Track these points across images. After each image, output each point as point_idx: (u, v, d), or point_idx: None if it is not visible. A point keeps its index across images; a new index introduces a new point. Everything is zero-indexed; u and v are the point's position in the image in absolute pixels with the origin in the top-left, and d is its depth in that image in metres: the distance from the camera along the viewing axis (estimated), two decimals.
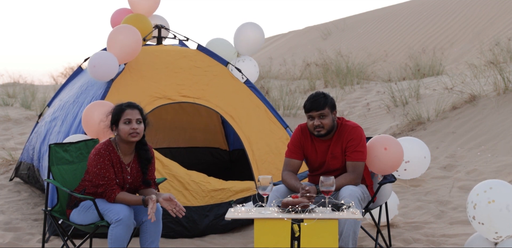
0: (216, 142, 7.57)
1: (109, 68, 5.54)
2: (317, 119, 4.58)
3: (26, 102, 12.80)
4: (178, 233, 5.47)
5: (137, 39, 5.68)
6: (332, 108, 4.62)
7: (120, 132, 4.32)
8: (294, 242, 3.75)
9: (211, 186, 5.60)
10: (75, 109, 5.98)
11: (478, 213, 4.11)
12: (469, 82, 9.85)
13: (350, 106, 11.08)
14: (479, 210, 4.10)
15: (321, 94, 4.63)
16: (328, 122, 4.58)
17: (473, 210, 4.14)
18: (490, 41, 16.53)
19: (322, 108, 4.57)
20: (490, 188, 4.13)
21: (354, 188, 4.42)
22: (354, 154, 4.59)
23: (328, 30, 25.12)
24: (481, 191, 4.14)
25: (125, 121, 4.30)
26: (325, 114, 4.58)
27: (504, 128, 7.85)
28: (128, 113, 4.32)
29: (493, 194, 4.09)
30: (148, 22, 6.35)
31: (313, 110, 4.58)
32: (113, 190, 4.27)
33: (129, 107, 4.35)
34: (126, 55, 5.69)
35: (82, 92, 6.16)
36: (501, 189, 4.12)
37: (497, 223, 4.07)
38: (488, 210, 4.07)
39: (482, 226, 4.12)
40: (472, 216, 4.16)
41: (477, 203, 4.12)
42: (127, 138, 4.31)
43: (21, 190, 7.05)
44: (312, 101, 4.59)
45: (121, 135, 4.32)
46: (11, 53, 52.04)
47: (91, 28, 69.80)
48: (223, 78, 6.18)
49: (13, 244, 5.22)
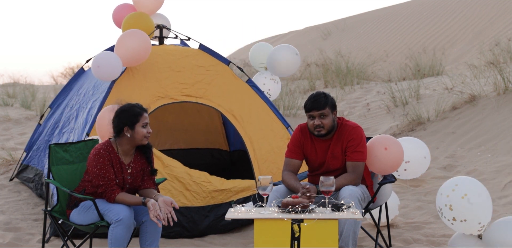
0: (217, 143, 7.58)
1: (113, 68, 5.54)
2: (318, 119, 4.58)
3: (26, 102, 12.80)
4: (178, 233, 5.48)
5: (146, 47, 5.66)
6: (333, 108, 4.62)
7: (136, 134, 4.32)
8: (294, 242, 3.75)
9: (212, 186, 5.60)
10: (84, 115, 6.00)
11: (457, 212, 4.19)
12: (469, 82, 9.85)
13: (350, 106, 11.08)
14: (456, 209, 4.19)
15: (322, 94, 4.63)
16: (328, 122, 4.59)
17: (449, 212, 4.21)
18: (490, 41, 16.53)
19: (323, 108, 4.57)
20: (456, 185, 4.25)
21: (354, 188, 4.42)
22: (354, 154, 4.59)
23: (328, 30, 25.13)
24: (450, 191, 4.24)
25: (144, 124, 4.33)
26: (325, 114, 4.58)
27: (504, 128, 7.85)
28: (145, 117, 4.35)
29: (461, 189, 4.21)
30: (150, 21, 6.33)
31: (313, 109, 4.58)
32: (113, 191, 4.27)
33: (144, 110, 4.38)
34: (132, 60, 5.68)
35: (90, 97, 6.15)
36: (463, 182, 4.25)
37: (477, 213, 4.17)
38: (464, 205, 4.16)
39: (465, 223, 4.20)
40: (452, 218, 4.23)
41: (452, 203, 4.20)
42: (141, 141, 4.34)
43: (21, 190, 7.05)
44: (313, 101, 4.59)
45: (136, 137, 4.33)
46: (11, 53, 52.06)
47: (92, 27, 69.80)
48: (225, 77, 6.18)
49: (13, 244, 5.22)
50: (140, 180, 4.47)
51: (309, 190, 4.25)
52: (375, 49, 20.74)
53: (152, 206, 4.14)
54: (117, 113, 4.39)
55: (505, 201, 5.99)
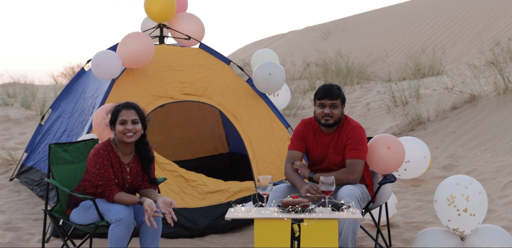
0: (219, 149, 7.60)
1: (112, 67, 5.53)
2: (328, 108, 4.62)
3: (26, 102, 12.79)
4: (178, 233, 5.47)
5: (149, 51, 5.65)
6: (343, 102, 4.70)
7: (117, 132, 4.34)
8: (294, 242, 3.75)
9: (208, 188, 5.61)
10: (84, 115, 5.99)
11: (470, 205, 4.28)
12: (469, 82, 9.85)
13: (350, 106, 11.08)
14: (471, 201, 4.29)
15: (336, 85, 4.71)
16: (338, 113, 4.64)
17: (465, 202, 4.29)
18: (490, 41, 16.53)
19: (335, 99, 4.63)
20: (456, 183, 4.36)
21: (353, 188, 4.42)
22: (352, 151, 4.60)
23: (328, 30, 25.13)
24: (468, 184, 4.35)
25: (121, 121, 4.32)
26: (336, 105, 4.63)
27: (504, 128, 7.85)
28: (123, 114, 4.33)
29: (475, 185, 4.35)
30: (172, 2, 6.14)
31: (326, 98, 4.62)
32: (112, 190, 4.27)
33: (125, 107, 4.36)
34: (133, 62, 5.67)
35: (91, 98, 6.14)
36: (466, 180, 4.38)
37: (483, 211, 4.34)
38: (478, 199, 4.29)
39: (473, 217, 4.29)
40: (463, 209, 4.29)
41: (469, 195, 4.30)
42: (122, 138, 4.33)
43: (21, 190, 7.04)
44: (327, 89, 4.64)
45: (117, 135, 4.34)
46: (11, 52, 52.05)
47: (92, 26, 69.77)
48: (225, 76, 6.18)
49: (13, 244, 5.22)
50: (140, 180, 4.47)
51: (318, 191, 4.29)
52: (375, 49, 20.74)
53: (148, 207, 4.13)
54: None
55: (505, 201, 5.99)
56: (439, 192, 4.43)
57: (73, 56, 51.99)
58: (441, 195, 4.40)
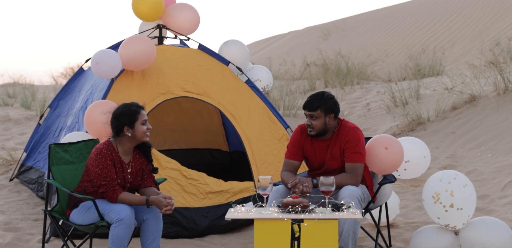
0: (217, 144, 7.57)
1: (112, 66, 5.53)
2: (308, 119, 4.60)
3: (26, 102, 12.79)
4: (178, 233, 5.48)
5: (150, 55, 5.64)
6: (328, 111, 4.56)
7: (137, 132, 4.36)
8: (294, 242, 3.75)
9: (209, 188, 5.61)
10: (82, 114, 5.99)
11: (455, 199, 4.35)
12: (469, 83, 9.84)
13: (350, 106, 11.08)
14: (456, 195, 4.36)
15: (320, 95, 4.59)
16: (318, 124, 4.56)
17: (450, 198, 4.34)
18: (491, 41, 16.53)
19: (313, 110, 4.55)
20: (440, 180, 4.47)
21: (354, 188, 4.42)
22: (352, 155, 4.58)
23: (328, 30, 25.13)
24: (451, 179, 4.41)
25: (142, 122, 4.37)
26: (315, 116, 4.56)
27: (504, 128, 7.85)
28: (143, 114, 4.40)
29: (458, 179, 4.42)
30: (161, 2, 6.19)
31: (305, 109, 4.60)
32: (115, 191, 4.27)
33: (141, 108, 4.43)
34: (133, 65, 5.67)
35: (89, 97, 6.15)
36: (449, 175, 4.46)
37: (472, 204, 4.40)
38: (463, 193, 4.35)
39: (461, 211, 4.34)
40: (449, 204, 4.34)
41: (454, 189, 4.36)
42: (142, 137, 4.38)
43: (21, 190, 7.05)
44: (307, 101, 4.60)
45: (137, 135, 4.36)
46: (11, 52, 52.05)
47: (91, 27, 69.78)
48: (224, 77, 6.19)
49: (13, 244, 5.22)
50: (139, 179, 4.48)
51: (297, 182, 4.31)
52: (375, 49, 20.74)
53: (163, 198, 4.20)
54: (115, 114, 4.40)
55: (505, 201, 5.99)
56: (425, 191, 4.51)
57: (73, 56, 51.97)
58: (426, 194, 4.48)
